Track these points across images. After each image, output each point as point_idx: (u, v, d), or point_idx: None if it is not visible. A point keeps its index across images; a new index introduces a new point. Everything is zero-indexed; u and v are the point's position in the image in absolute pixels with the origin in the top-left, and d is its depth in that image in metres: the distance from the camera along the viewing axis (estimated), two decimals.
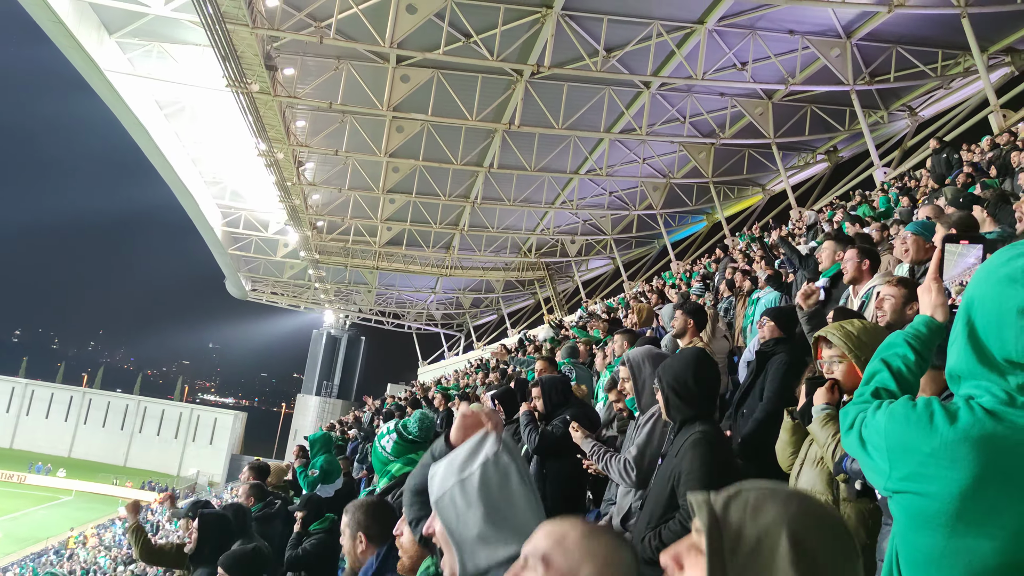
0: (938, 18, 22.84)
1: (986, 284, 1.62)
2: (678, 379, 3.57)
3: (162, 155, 33.98)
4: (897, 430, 1.63)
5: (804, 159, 34.88)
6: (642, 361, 4.53)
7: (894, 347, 1.95)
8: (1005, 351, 1.56)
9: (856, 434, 1.76)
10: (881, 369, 1.92)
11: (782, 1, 21.02)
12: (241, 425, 78.32)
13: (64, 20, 23.53)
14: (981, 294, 1.62)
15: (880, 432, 1.67)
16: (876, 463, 1.67)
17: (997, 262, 1.63)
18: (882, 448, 1.65)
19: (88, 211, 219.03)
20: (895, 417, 1.66)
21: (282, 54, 24.96)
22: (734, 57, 25.33)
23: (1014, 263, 1.58)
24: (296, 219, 38.02)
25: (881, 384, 1.89)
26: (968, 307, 1.65)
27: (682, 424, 3.55)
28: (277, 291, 60.32)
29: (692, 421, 3.51)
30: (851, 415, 1.83)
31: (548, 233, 43.28)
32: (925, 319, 1.98)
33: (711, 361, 3.89)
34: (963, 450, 1.50)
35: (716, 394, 3.82)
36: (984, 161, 13.52)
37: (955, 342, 1.68)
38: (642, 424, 4.36)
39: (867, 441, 1.72)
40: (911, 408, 1.64)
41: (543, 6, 23.28)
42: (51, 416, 75.17)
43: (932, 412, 1.58)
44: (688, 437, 3.43)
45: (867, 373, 1.94)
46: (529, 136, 31.02)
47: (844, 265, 5.70)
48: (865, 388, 1.90)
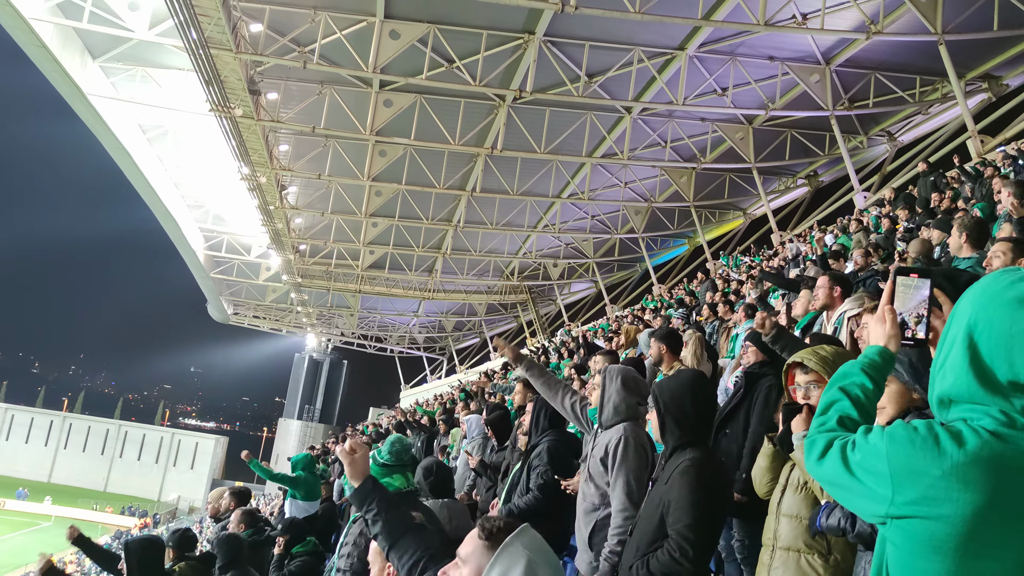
0: (916, 45, 23.15)
1: (992, 307, 1.62)
2: (675, 401, 3.49)
3: (144, 179, 33.86)
4: (902, 453, 1.61)
5: (785, 183, 35.17)
6: (615, 376, 4.48)
7: (851, 376, 1.94)
8: (1013, 373, 1.57)
9: (837, 461, 1.72)
10: (841, 398, 1.90)
11: (761, 28, 21.24)
12: (222, 450, 77.62)
13: (48, 44, 23.53)
14: (987, 317, 1.62)
15: (881, 456, 1.63)
16: (872, 489, 1.64)
17: (1000, 285, 1.65)
18: (883, 473, 1.62)
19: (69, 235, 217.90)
20: (897, 440, 1.63)
21: (265, 79, 25.00)
22: (715, 83, 25.55)
23: (1020, 286, 1.61)
24: (279, 243, 37.94)
25: (843, 412, 1.87)
26: (970, 331, 1.64)
27: (674, 449, 3.47)
28: (259, 315, 60.04)
29: (684, 447, 3.43)
30: (820, 443, 1.80)
31: (530, 256, 43.32)
32: (879, 349, 1.97)
33: (709, 384, 3.89)
34: (975, 472, 1.51)
35: (712, 419, 3.73)
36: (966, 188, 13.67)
37: (952, 366, 1.67)
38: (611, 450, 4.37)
39: (859, 467, 1.67)
40: (914, 431, 1.62)
41: (525, 32, 23.45)
42: (31, 441, 74.25)
43: (937, 435, 1.58)
44: (678, 464, 3.35)
45: (824, 402, 1.92)
46: (511, 160, 31.15)
47: (816, 292, 5.79)
48: (826, 417, 1.88)
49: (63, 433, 75.17)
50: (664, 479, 3.41)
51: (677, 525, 3.21)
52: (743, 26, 21.93)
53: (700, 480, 3.27)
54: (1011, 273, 1.66)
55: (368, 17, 22.58)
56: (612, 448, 4.21)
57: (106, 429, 76.87)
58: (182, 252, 44.61)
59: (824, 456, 1.77)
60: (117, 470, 74.02)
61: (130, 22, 23.36)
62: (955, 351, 1.67)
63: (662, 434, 3.54)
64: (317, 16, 22.35)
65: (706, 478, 3.30)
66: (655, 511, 3.37)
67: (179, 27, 19.83)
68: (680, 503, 3.23)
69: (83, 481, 70.84)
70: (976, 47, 23.45)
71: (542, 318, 51.26)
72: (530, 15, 22.56)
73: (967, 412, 1.63)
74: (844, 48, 24.41)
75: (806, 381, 3.03)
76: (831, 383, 1.96)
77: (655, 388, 3.65)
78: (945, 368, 1.70)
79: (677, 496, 3.25)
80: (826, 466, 1.76)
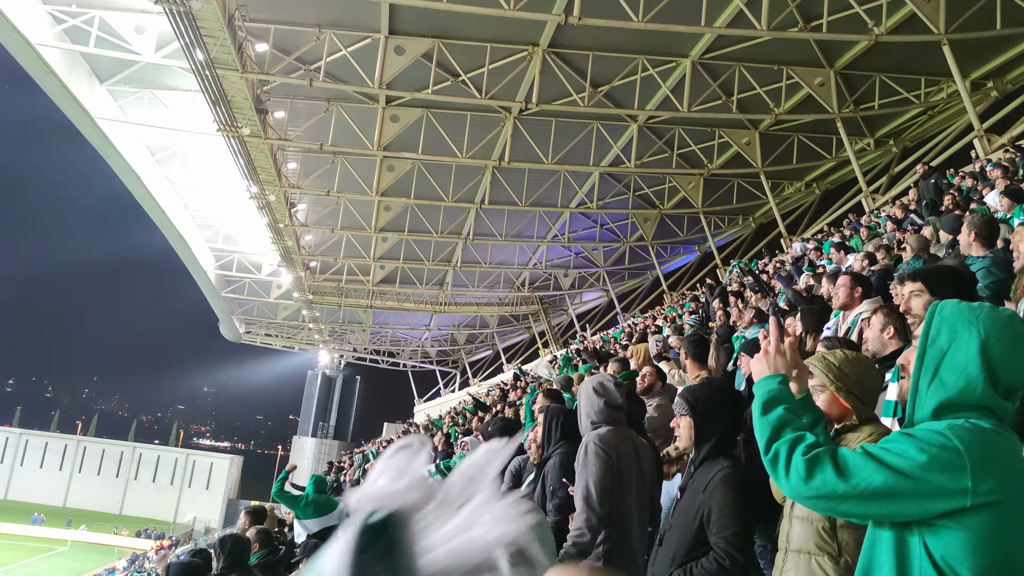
0: (919, 46, 23.10)
1: (1000, 326, 1.87)
2: (711, 409, 3.50)
3: (155, 201, 34.06)
4: (979, 445, 1.76)
5: (794, 187, 35.10)
6: (584, 388, 4.51)
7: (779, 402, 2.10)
8: (1019, 378, 1.85)
9: (870, 469, 1.80)
10: (786, 415, 2.05)
11: (765, 34, 21.26)
12: (237, 469, 77.52)
13: (55, 70, 23.73)
14: (998, 334, 1.85)
15: (955, 451, 1.75)
16: (942, 486, 1.73)
17: (1005, 314, 1.92)
18: (960, 466, 1.73)
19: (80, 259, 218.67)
20: (972, 435, 1.78)
21: (272, 97, 25.11)
22: (719, 90, 25.59)
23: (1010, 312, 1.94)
24: (289, 260, 38.06)
25: (792, 423, 2.04)
26: (985, 347, 1.84)
27: (705, 456, 3.45)
28: (271, 333, 60.15)
29: (718, 455, 3.43)
30: (799, 463, 1.90)
31: (541, 267, 43.33)
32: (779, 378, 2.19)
33: (739, 393, 3.88)
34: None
35: (740, 428, 3.70)
36: (972, 186, 13.61)
37: (964, 375, 1.85)
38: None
39: (919, 467, 1.76)
40: (975, 426, 1.80)
41: (530, 44, 23.55)
42: (45, 466, 74.37)
43: (986, 428, 1.80)
44: (717, 472, 3.34)
45: (769, 426, 2.04)
46: (519, 172, 31.21)
47: (836, 291, 5.75)
48: (777, 433, 2.01)
49: (77, 457, 75.23)
50: (700, 487, 3.38)
51: (724, 533, 3.21)
52: (747, 32, 21.94)
53: (743, 488, 3.30)
54: (1006, 310, 1.96)
55: (373, 34, 22.72)
56: (578, 455, 4.24)
57: (120, 452, 76.90)
58: (193, 272, 44.78)
59: (816, 471, 1.87)
60: (132, 492, 74.01)
61: (136, 45, 23.54)
62: (971, 363, 1.85)
63: (697, 441, 3.52)
64: (322, 34, 22.51)
65: (745, 486, 3.33)
66: (692, 519, 3.35)
67: (185, 49, 19.97)
68: (725, 511, 3.24)
69: (98, 505, 70.82)
70: (980, 46, 23.35)
71: (554, 328, 51.23)
72: (534, 27, 22.65)
73: (958, 418, 1.84)
74: (848, 51, 24.39)
75: (811, 386, 3.03)
76: (765, 412, 2.08)
77: (687, 395, 3.64)
78: (942, 379, 1.88)
79: (720, 504, 3.26)
80: (835, 479, 1.84)
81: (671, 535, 3.47)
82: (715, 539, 3.24)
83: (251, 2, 20.64)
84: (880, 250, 9.74)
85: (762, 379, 2.19)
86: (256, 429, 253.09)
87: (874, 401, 3.02)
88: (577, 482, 4.14)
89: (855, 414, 2.92)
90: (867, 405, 2.96)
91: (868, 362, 3.13)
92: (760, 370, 2.22)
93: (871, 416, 2.98)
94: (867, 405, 2.96)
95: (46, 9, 22.72)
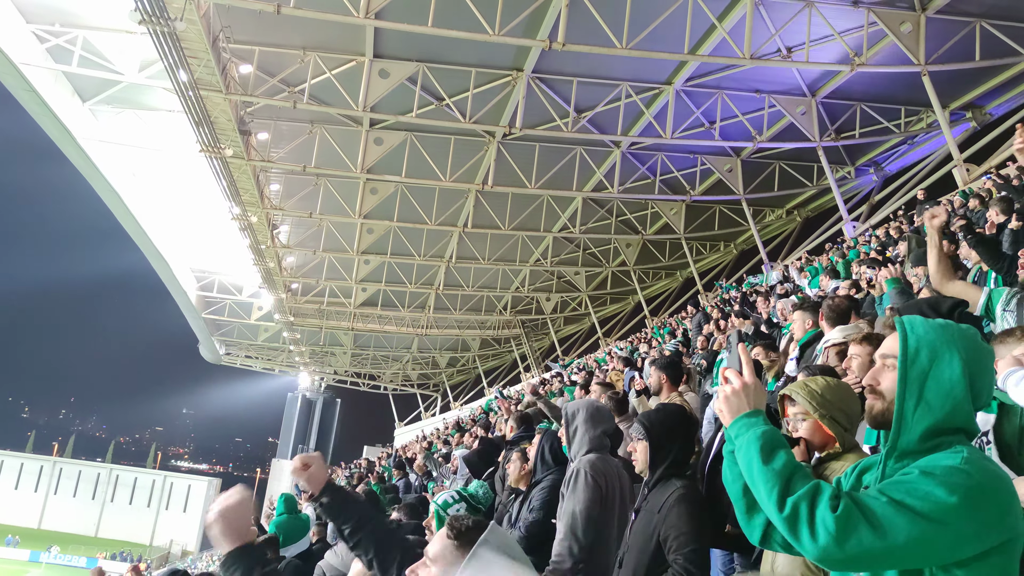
0: (899, 76, 23.45)
1: (974, 346, 1.85)
2: (665, 432, 3.54)
3: (135, 221, 33.90)
4: (991, 477, 1.71)
5: (776, 214, 35.38)
6: (579, 410, 4.51)
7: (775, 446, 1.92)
8: (988, 398, 1.85)
9: (899, 524, 1.65)
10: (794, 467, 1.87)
11: (747, 62, 21.47)
12: (215, 492, 76.58)
13: (37, 89, 23.63)
14: (974, 355, 1.84)
15: (982, 486, 1.67)
16: (964, 529, 1.64)
17: (971, 332, 1.90)
18: (987, 503, 1.66)
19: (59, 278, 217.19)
20: (981, 464, 1.73)
21: (256, 119, 25.12)
22: (702, 116, 25.80)
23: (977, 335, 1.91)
24: (270, 281, 37.89)
25: (801, 472, 1.85)
26: (967, 367, 1.81)
27: (659, 479, 3.50)
28: (251, 354, 59.81)
29: (670, 477, 3.47)
30: (828, 521, 1.68)
31: (523, 291, 43.36)
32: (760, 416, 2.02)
33: (692, 418, 3.91)
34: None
35: (693, 450, 3.78)
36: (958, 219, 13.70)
37: (950, 398, 1.80)
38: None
39: (951, 507, 1.64)
40: (978, 455, 1.76)
41: (514, 69, 23.70)
42: (20, 487, 73.37)
43: (985, 456, 1.80)
44: (671, 493, 3.38)
45: (773, 479, 1.83)
46: (502, 196, 31.27)
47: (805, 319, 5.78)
48: (790, 488, 1.79)
49: (53, 478, 74.25)
50: (655, 508, 3.42)
51: (683, 551, 3.23)
52: (729, 60, 22.19)
53: (697, 507, 3.34)
54: (972, 328, 1.95)
55: (357, 57, 22.78)
56: (568, 479, 4.27)
57: (97, 473, 76.01)
58: (173, 293, 44.53)
59: (851, 531, 1.66)
60: (108, 514, 73.08)
61: (119, 65, 23.48)
62: (956, 387, 1.81)
63: (651, 464, 3.55)
64: (307, 56, 22.55)
65: (699, 506, 3.37)
66: (648, 540, 3.38)
67: (169, 69, 19.93)
68: (681, 530, 3.26)
69: (74, 527, 69.87)
70: (959, 77, 23.71)
71: (536, 352, 51.19)
72: (518, 53, 22.81)
73: (952, 440, 1.81)
74: (829, 80, 24.71)
75: (794, 414, 3.02)
76: (767, 459, 1.88)
77: (643, 419, 3.68)
78: (928, 403, 1.82)
79: (676, 524, 3.28)
80: (871, 537, 1.66)
81: (629, 556, 3.51)
82: (673, 556, 3.27)
83: (236, 24, 20.65)
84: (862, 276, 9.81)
85: (742, 418, 2.00)
86: (235, 452, 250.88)
87: (855, 428, 3.01)
88: (565, 507, 4.15)
89: (838, 441, 2.90)
90: (850, 432, 2.94)
91: (849, 388, 3.12)
92: (737, 406, 2.03)
93: (853, 443, 2.96)
94: (850, 432, 2.94)
95: (30, 29, 22.65)
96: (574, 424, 4.47)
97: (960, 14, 21.42)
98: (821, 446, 2.94)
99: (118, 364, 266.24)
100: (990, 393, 1.87)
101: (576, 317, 49.37)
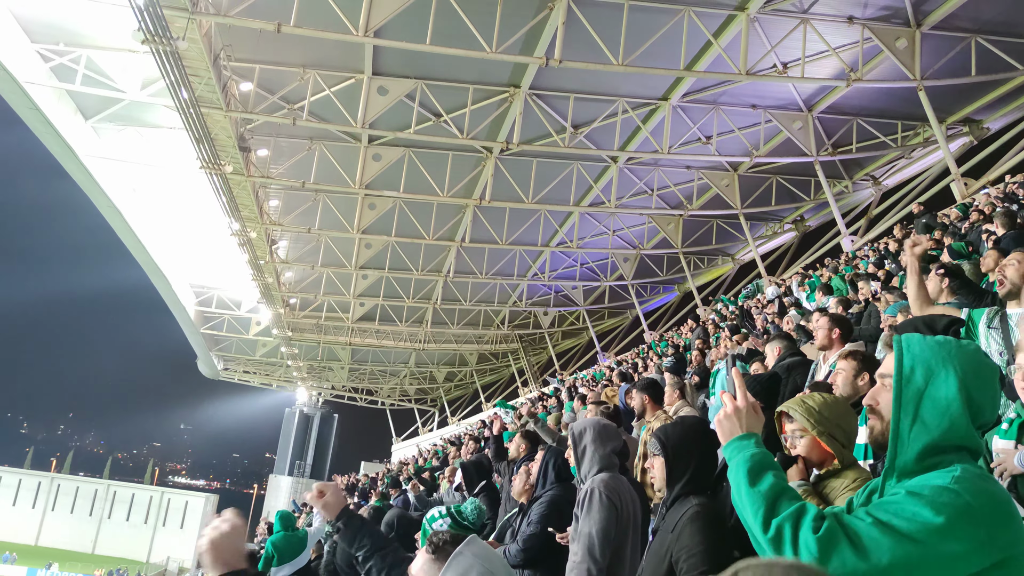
0: (896, 91, 23.59)
1: (973, 362, 1.85)
2: (682, 447, 3.37)
3: (135, 237, 33.95)
4: (985, 496, 1.69)
5: (772, 229, 35.49)
6: (584, 430, 4.46)
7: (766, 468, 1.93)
8: (993, 413, 1.85)
9: (890, 539, 1.65)
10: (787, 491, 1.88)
11: (743, 77, 21.60)
12: (212, 508, 76.07)
13: (41, 107, 23.74)
14: (973, 371, 1.83)
15: (966, 508, 1.65)
16: (958, 547, 1.63)
17: (971, 347, 1.90)
18: (977, 524, 1.64)
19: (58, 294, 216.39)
20: (975, 484, 1.71)
21: (255, 135, 25.22)
22: (699, 131, 25.97)
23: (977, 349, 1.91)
24: (269, 297, 37.89)
25: (785, 491, 1.86)
26: (964, 384, 1.81)
27: (676, 497, 3.32)
28: (249, 370, 59.67)
29: (688, 494, 3.29)
30: (835, 532, 1.69)
31: (520, 305, 43.38)
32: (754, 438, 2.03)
33: (712, 431, 3.87)
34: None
35: (714, 466, 3.51)
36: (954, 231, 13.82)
37: (947, 416, 1.81)
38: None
39: (935, 528, 1.64)
40: (974, 474, 1.74)
41: (511, 86, 23.83)
42: (18, 503, 72.98)
43: (982, 475, 1.77)
44: (685, 511, 3.21)
45: (761, 499, 1.84)
46: (500, 211, 31.37)
47: (816, 333, 5.80)
48: (776, 508, 1.80)
49: (51, 494, 73.83)
50: (669, 528, 3.26)
51: (693, 572, 3.07)
52: (725, 76, 22.34)
53: (712, 526, 3.16)
54: (971, 343, 1.96)
55: (356, 74, 22.92)
56: (581, 500, 4.20)
57: (95, 489, 75.50)
58: (172, 309, 44.50)
59: (832, 552, 1.66)
60: (106, 531, 72.56)
61: (121, 83, 23.59)
62: (953, 403, 1.81)
63: (668, 481, 3.39)
64: (306, 74, 22.67)
65: (716, 525, 3.19)
66: (661, 561, 3.23)
67: (170, 87, 20.00)
68: (694, 550, 3.09)
69: (71, 543, 69.43)
70: (955, 92, 23.90)
71: (533, 367, 51.17)
72: (516, 69, 22.96)
73: (952, 458, 1.79)
74: (825, 95, 24.87)
75: (791, 430, 3.04)
76: (754, 482, 1.90)
77: (659, 434, 3.51)
78: (924, 421, 1.83)
79: (689, 544, 3.11)
80: (853, 558, 1.65)
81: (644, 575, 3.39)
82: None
83: (236, 42, 20.78)
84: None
85: (735, 441, 2.03)
86: (232, 467, 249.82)
87: (853, 444, 3.04)
88: (581, 528, 4.09)
89: (837, 458, 2.91)
90: (847, 448, 2.95)
91: (846, 405, 3.15)
92: (730, 430, 2.06)
93: (852, 460, 2.97)
94: (847, 448, 2.95)
95: (34, 48, 22.77)
96: (582, 444, 4.39)
97: (955, 30, 21.57)
98: (820, 463, 2.96)
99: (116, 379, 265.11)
100: (993, 409, 1.85)
101: (574, 331, 49.42)
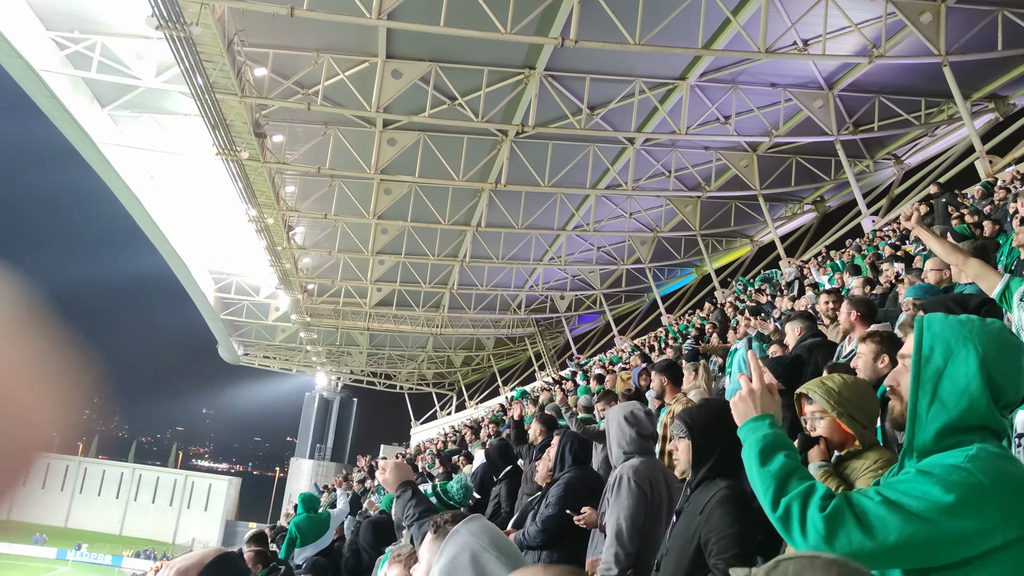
0: (919, 67, 23.21)
1: (996, 341, 1.80)
2: (708, 430, 3.34)
3: (154, 224, 34.10)
4: (1000, 476, 1.66)
5: (791, 209, 35.18)
6: (614, 417, 4.48)
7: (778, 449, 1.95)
8: (1017, 394, 1.79)
9: (896, 522, 1.65)
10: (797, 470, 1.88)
11: (762, 55, 21.34)
12: (235, 491, 77.27)
13: (58, 95, 23.83)
14: (996, 350, 1.79)
15: (979, 487, 1.64)
16: (969, 526, 1.62)
17: (995, 326, 1.84)
18: (988, 504, 1.63)
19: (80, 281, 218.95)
20: (990, 463, 1.68)
21: (271, 121, 25.21)
22: (717, 111, 25.69)
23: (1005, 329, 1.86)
24: (287, 283, 38.04)
25: (796, 470, 1.87)
26: (985, 364, 1.77)
27: (702, 479, 3.31)
28: (269, 355, 60.08)
29: (714, 476, 3.28)
30: (817, 520, 1.71)
31: (537, 290, 43.31)
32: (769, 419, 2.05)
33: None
34: None
35: (740, 449, 3.58)
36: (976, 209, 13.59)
37: (966, 395, 1.77)
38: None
39: (945, 507, 1.63)
40: (990, 453, 1.71)
41: (526, 67, 23.67)
42: (47, 486, 74.18)
43: (999, 455, 1.72)
44: (714, 493, 3.20)
45: (772, 480, 1.87)
46: (516, 194, 31.25)
47: (839, 317, 5.74)
48: (785, 488, 1.82)
49: (78, 478, 75.02)
50: (696, 509, 3.25)
51: (724, 555, 3.05)
52: (744, 54, 22.05)
53: (741, 509, 3.15)
54: (999, 322, 1.90)
55: (370, 58, 22.84)
56: (611, 485, 4.21)
57: (121, 473, 76.68)
58: (192, 295, 44.77)
59: (838, 529, 1.68)
60: (132, 513, 73.76)
61: (137, 70, 23.61)
62: (972, 383, 1.77)
63: (694, 463, 3.37)
64: (320, 59, 22.62)
65: (744, 508, 3.17)
66: (688, 543, 3.21)
67: (185, 74, 20.03)
68: (724, 532, 3.09)
69: (99, 525, 70.62)
70: (981, 67, 23.47)
71: (550, 351, 51.16)
72: (530, 50, 22.78)
73: (972, 438, 1.76)
74: (847, 72, 24.54)
75: (811, 411, 2.99)
76: (765, 462, 1.93)
77: (685, 416, 3.49)
78: (943, 401, 1.80)
79: (719, 526, 3.11)
80: (860, 536, 1.67)
81: (668, 560, 3.34)
82: (714, 561, 3.09)
83: (250, 27, 20.75)
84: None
85: (749, 422, 2.06)
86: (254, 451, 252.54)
87: (875, 425, 2.98)
88: (609, 515, 4.10)
89: (858, 439, 2.87)
90: (868, 430, 2.90)
91: (867, 386, 3.08)
92: (745, 411, 2.09)
93: (873, 441, 2.92)
94: (868, 430, 2.90)
95: (49, 36, 22.83)
96: (610, 432, 4.44)
97: (981, 3, 21.21)
98: (840, 444, 2.92)
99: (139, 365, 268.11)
100: (1018, 389, 1.81)
101: (590, 314, 49.31)
